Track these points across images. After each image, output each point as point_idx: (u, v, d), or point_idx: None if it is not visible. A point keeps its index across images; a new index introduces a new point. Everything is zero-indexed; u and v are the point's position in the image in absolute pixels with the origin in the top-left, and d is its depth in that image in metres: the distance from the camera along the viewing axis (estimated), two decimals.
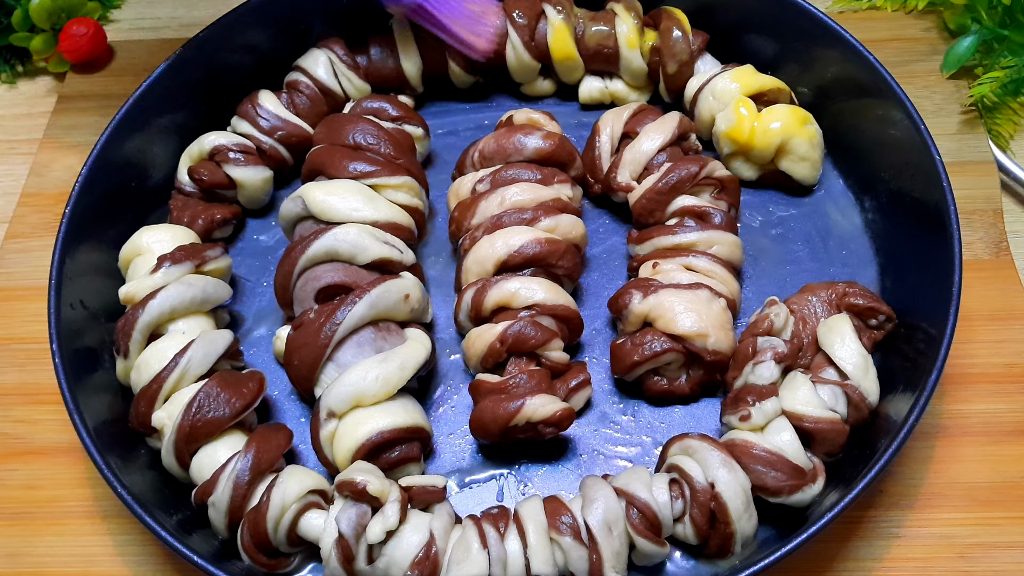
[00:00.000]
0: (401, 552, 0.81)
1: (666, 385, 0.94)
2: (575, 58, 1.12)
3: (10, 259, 1.10)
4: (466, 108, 1.18)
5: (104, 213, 1.01)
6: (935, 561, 0.88)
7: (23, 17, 1.23)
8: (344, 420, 0.88)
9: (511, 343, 0.92)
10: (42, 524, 0.94)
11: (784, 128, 1.04)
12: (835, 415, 0.86)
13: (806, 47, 1.09)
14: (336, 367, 0.91)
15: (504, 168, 1.02)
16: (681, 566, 0.86)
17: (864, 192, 1.06)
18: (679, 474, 0.84)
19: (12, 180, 1.19)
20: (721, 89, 1.07)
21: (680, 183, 0.99)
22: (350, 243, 0.94)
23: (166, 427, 0.88)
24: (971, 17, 1.18)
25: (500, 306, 0.94)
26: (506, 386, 0.91)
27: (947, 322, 0.87)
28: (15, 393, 1.01)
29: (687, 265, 0.96)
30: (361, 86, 1.13)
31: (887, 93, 1.01)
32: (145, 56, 1.25)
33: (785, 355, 0.89)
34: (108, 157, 1.02)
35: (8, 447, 0.98)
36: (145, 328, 0.92)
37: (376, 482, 0.82)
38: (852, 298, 0.93)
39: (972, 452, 0.93)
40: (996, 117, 1.15)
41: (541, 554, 0.80)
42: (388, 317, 0.93)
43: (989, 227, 1.05)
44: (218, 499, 0.84)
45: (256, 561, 0.84)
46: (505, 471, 0.93)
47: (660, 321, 0.92)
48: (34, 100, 1.27)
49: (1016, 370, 0.97)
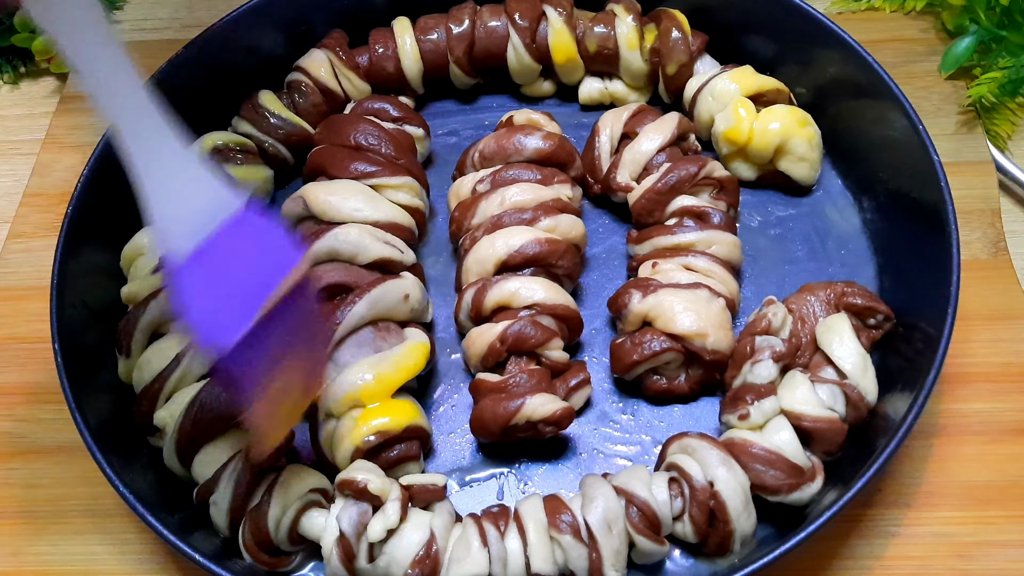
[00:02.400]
0: (402, 550, 0.81)
1: (665, 384, 0.95)
2: (576, 59, 1.12)
3: (12, 259, 1.10)
4: (466, 109, 1.18)
5: (106, 213, 1.01)
6: (934, 560, 0.88)
7: (25, 18, 1.23)
8: (343, 420, 0.89)
9: (511, 343, 0.92)
10: (44, 523, 0.94)
11: (783, 129, 1.04)
12: (834, 414, 0.86)
13: (805, 48, 1.09)
14: (335, 367, 0.91)
15: (504, 168, 1.02)
16: (680, 564, 0.87)
17: (862, 192, 1.07)
18: (678, 473, 0.84)
19: (14, 180, 1.19)
20: (720, 90, 1.07)
21: (679, 183, 1.00)
22: (351, 243, 0.94)
23: (168, 426, 0.89)
24: (969, 18, 1.18)
25: (500, 306, 0.94)
26: (506, 385, 0.91)
27: (945, 321, 0.87)
28: (17, 392, 1.01)
29: (686, 265, 0.96)
30: (361, 86, 1.13)
31: (885, 94, 1.02)
32: (146, 57, 1.23)
33: (783, 354, 0.89)
34: (110, 157, 1.01)
35: (10, 446, 0.98)
36: (147, 327, 0.93)
37: (377, 481, 0.82)
38: (850, 298, 0.93)
39: (970, 451, 0.93)
40: (994, 117, 1.15)
41: (541, 552, 0.81)
42: (388, 317, 0.93)
43: (987, 227, 1.06)
44: (219, 498, 0.85)
45: (257, 560, 0.84)
46: (505, 470, 0.93)
47: (659, 321, 0.92)
48: (36, 101, 1.27)
49: (1014, 369, 0.97)
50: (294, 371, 0.76)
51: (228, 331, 0.67)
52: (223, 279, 0.68)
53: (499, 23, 1.12)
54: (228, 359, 0.68)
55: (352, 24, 1.16)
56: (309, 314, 0.76)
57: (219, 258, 0.68)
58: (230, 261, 0.68)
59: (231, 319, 0.68)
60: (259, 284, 0.69)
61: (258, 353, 0.70)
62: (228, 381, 0.74)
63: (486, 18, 1.13)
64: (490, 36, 1.12)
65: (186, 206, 0.68)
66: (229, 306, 0.68)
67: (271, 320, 0.69)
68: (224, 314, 0.68)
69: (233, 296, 0.68)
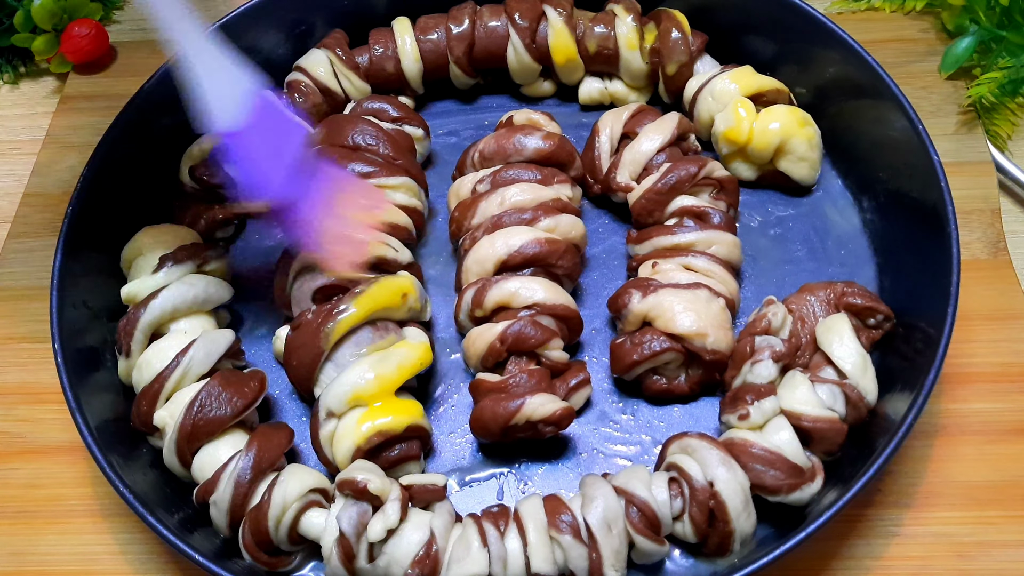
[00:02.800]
0: (402, 550, 0.81)
1: (665, 384, 0.95)
2: (576, 59, 1.13)
3: (12, 259, 1.10)
4: (466, 109, 1.18)
5: (106, 213, 1.01)
6: (933, 560, 0.88)
7: (25, 18, 1.23)
8: (343, 419, 0.89)
9: (511, 342, 0.92)
10: (44, 523, 0.94)
11: (782, 129, 1.05)
12: (833, 414, 0.86)
13: (805, 48, 1.09)
14: (335, 367, 0.91)
15: (504, 168, 1.02)
16: (680, 564, 0.87)
17: (862, 192, 1.07)
18: (678, 473, 0.84)
19: (14, 180, 1.19)
20: (720, 90, 1.07)
21: (679, 183, 1.00)
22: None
23: (168, 426, 0.89)
24: (969, 18, 1.18)
25: (500, 306, 0.94)
26: (506, 385, 0.91)
27: (945, 321, 0.87)
28: (17, 392, 1.01)
29: (686, 265, 0.97)
30: (361, 86, 1.13)
31: (885, 94, 1.02)
32: (147, 57, 1.25)
33: (783, 354, 0.89)
34: (110, 157, 1.03)
35: (10, 446, 0.98)
36: (147, 327, 0.93)
37: (377, 481, 0.82)
38: (850, 298, 0.93)
39: (970, 451, 0.93)
40: (994, 117, 1.15)
41: (541, 552, 0.81)
42: (386, 316, 0.93)
43: (987, 227, 1.06)
44: (219, 498, 0.85)
45: (257, 559, 0.84)
46: (505, 470, 0.93)
47: (659, 320, 0.92)
48: (36, 101, 1.27)
49: (1014, 369, 0.97)
50: (345, 200, 0.97)
51: (275, 184, 0.90)
52: (261, 144, 0.89)
53: (499, 23, 1.12)
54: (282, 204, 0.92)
55: (352, 24, 1.16)
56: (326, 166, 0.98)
57: (255, 131, 0.89)
58: (262, 133, 0.89)
59: (275, 173, 0.90)
60: (286, 145, 0.92)
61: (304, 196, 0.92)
62: (287, 220, 0.93)
63: (486, 18, 1.13)
64: (490, 36, 1.12)
65: (228, 93, 0.88)
66: (271, 163, 0.90)
67: (304, 172, 0.93)
68: (269, 169, 0.90)
69: (272, 155, 0.90)
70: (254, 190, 0.91)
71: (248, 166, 0.90)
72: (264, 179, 0.90)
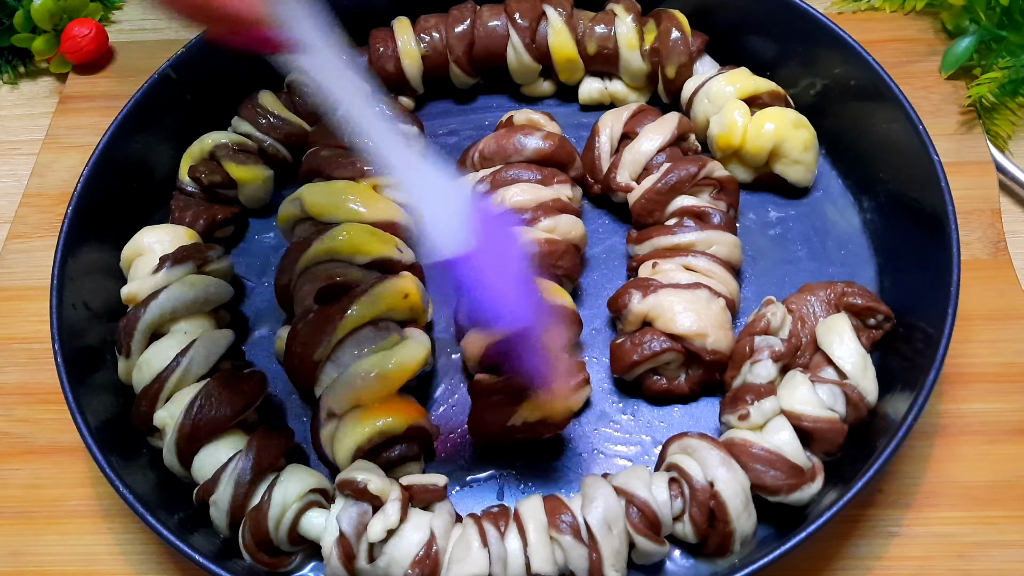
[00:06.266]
0: (402, 551, 0.81)
1: (665, 384, 0.95)
2: (576, 59, 1.13)
3: (12, 259, 1.10)
4: (466, 109, 1.18)
5: (106, 213, 1.01)
6: (934, 560, 0.88)
7: (25, 18, 1.23)
8: (344, 419, 0.89)
9: None
10: (44, 523, 0.94)
11: (777, 131, 1.04)
12: (834, 414, 0.86)
13: (805, 48, 1.09)
14: (336, 367, 0.91)
15: (504, 168, 1.02)
16: (680, 565, 0.87)
17: (862, 192, 1.07)
18: (678, 473, 0.84)
19: (14, 180, 1.19)
20: (716, 92, 1.07)
21: (679, 183, 1.00)
22: (349, 243, 0.94)
23: (168, 426, 0.89)
24: (969, 18, 1.18)
25: None
26: (505, 386, 0.91)
27: (945, 322, 0.87)
28: (17, 393, 1.01)
29: (686, 265, 0.97)
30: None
31: (885, 94, 1.02)
32: (146, 57, 1.25)
33: (783, 354, 0.89)
34: (110, 157, 1.03)
35: (10, 446, 0.98)
36: (147, 328, 0.93)
37: (377, 481, 0.82)
38: (851, 298, 0.93)
39: (970, 451, 0.93)
40: (994, 117, 1.15)
41: (541, 553, 0.81)
42: (387, 316, 0.93)
43: (987, 227, 1.06)
44: (219, 498, 0.85)
45: (257, 560, 0.84)
46: (505, 470, 0.93)
47: (659, 321, 0.92)
48: (36, 101, 1.27)
49: (1014, 369, 0.97)
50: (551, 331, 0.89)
51: (517, 309, 0.80)
52: (490, 268, 0.78)
53: (499, 23, 1.12)
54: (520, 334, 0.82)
55: (352, 24, 1.16)
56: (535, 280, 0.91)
57: (480, 253, 0.77)
58: (487, 254, 0.77)
59: (513, 297, 0.79)
60: (511, 265, 0.81)
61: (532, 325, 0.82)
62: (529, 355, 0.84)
63: (486, 18, 1.13)
64: (490, 36, 1.12)
65: (449, 218, 0.77)
66: (505, 288, 0.79)
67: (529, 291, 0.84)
68: (507, 295, 0.79)
69: (503, 279, 0.79)
70: (494, 318, 0.81)
71: (484, 292, 0.78)
72: (501, 304, 0.79)
